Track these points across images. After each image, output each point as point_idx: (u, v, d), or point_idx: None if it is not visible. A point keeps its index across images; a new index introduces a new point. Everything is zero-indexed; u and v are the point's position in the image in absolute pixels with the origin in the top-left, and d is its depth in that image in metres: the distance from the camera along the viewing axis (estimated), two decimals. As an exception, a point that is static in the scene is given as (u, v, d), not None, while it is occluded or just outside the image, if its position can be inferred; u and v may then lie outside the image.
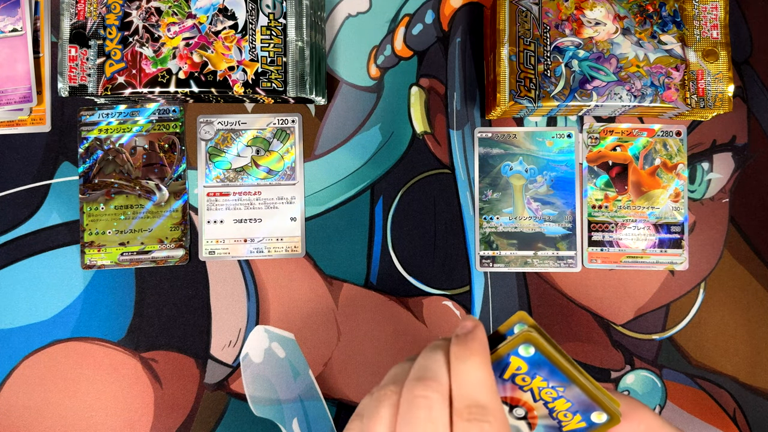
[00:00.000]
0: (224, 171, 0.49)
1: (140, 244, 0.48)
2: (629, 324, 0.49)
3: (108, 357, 0.48)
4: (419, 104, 0.50)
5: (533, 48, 0.44)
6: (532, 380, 0.26)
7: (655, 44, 0.45)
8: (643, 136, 0.49)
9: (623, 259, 0.49)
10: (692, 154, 0.49)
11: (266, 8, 0.45)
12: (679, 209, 0.49)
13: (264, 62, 0.45)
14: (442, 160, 0.50)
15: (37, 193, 0.49)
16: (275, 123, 0.49)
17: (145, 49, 0.45)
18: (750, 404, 0.48)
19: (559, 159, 0.49)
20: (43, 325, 0.48)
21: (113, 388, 0.47)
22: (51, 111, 0.49)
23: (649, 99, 0.44)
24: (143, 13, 0.45)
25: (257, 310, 0.49)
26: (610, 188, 0.49)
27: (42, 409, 0.47)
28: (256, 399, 0.48)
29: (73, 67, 0.45)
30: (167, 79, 0.45)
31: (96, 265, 0.48)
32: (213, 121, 0.49)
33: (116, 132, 0.49)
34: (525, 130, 0.49)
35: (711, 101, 0.45)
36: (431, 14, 0.51)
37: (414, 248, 0.49)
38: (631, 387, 0.48)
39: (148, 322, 0.48)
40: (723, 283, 0.49)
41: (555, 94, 0.44)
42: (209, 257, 0.49)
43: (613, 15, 0.45)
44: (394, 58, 0.50)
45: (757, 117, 0.50)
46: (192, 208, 0.49)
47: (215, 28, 0.45)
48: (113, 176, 0.49)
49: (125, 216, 0.48)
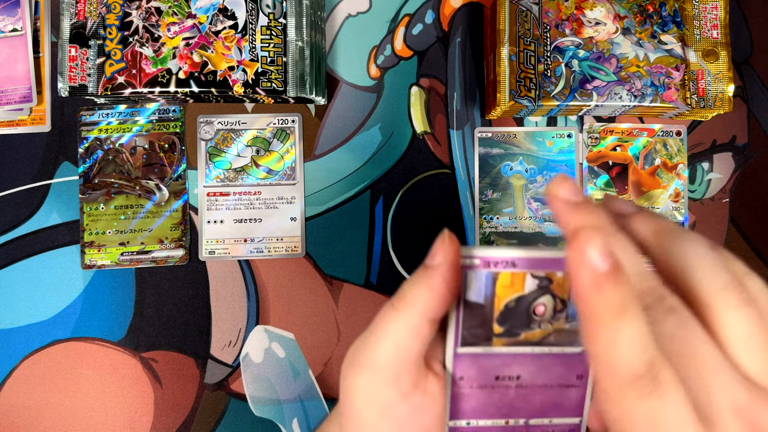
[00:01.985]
0: (224, 171, 0.49)
1: (140, 244, 0.48)
2: (629, 324, 0.49)
3: (108, 357, 0.48)
4: (419, 104, 0.50)
5: (533, 48, 0.44)
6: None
7: (655, 44, 0.45)
8: (643, 136, 0.49)
9: (623, 259, 0.48)
10: (692, 154, 0.49)
11: (266, 8, 0.45)
12: (680, 209, 0.49)
13: (264, 62, 0.45)
14: (442, 160, 0.50)
15: (37, 193, 0.49)
16: (275, 123, 0.49)
17: (145, 49, 0.45)
18: (750, 404, 0.48)
19: (559, 159, 0.49)
20: (43, 325, 0.48)
21: (113, 388, 0.47)
22: (51, 111, 0.49)
23: (650, 99, 0.44)
24: (143, 13, 0.45)
25: (257, 310, 0.48)
26: (611, 188, 0.49)
27: (42, 409, 0.47)
28: (256, 399, 0.48)
29: (73, 67, 0.45)
30: (167, 79, 0.45)
31: (96, 265, 0.48)
32: (213, 121, 0.49)
33: (116, 132, 0.49)
34: (525, 130, 0.49)
35: (711, 101, 0.44)
36: (431, 14, 0.51)
37: (414, 248, 0.49)
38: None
39: (148, 322, 0.48)
40: (723, 283, 0.49)
41: (555, 94, 0.44)
42: (209, 257, 0.49)
43: (613, 15, 0.45)
44: (394, 58, 0.50)
45: (757, 117, 0.50)
46: (192, 208, 0.49)
47: (215, 28, 0.45)
48: (113, 176, 0.49)
49: (125, 216, 0.48)
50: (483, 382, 0.28)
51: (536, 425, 0.29)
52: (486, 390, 0.29)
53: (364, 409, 0.28)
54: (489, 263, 0.27)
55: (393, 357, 0.27)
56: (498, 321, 0.28)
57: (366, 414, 0.28)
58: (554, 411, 0.29)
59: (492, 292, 0.28)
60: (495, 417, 0.29)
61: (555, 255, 0.27)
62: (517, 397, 0.28)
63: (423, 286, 0.26)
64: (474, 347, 0.28)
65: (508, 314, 0.28)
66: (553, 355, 0.28)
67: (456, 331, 0.28)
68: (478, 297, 0.28)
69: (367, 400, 0.28)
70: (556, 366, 0.28)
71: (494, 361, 0.28)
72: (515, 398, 0.29)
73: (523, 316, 0.27)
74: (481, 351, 0.28)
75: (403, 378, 0.27)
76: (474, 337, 0.28)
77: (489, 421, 0.29)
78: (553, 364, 0.28)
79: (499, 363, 0.28)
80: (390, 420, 0.27)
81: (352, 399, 0.28)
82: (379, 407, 0.27)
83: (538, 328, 0.27)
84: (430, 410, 0.28)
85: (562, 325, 0.27)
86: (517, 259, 0.27)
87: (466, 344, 0.28)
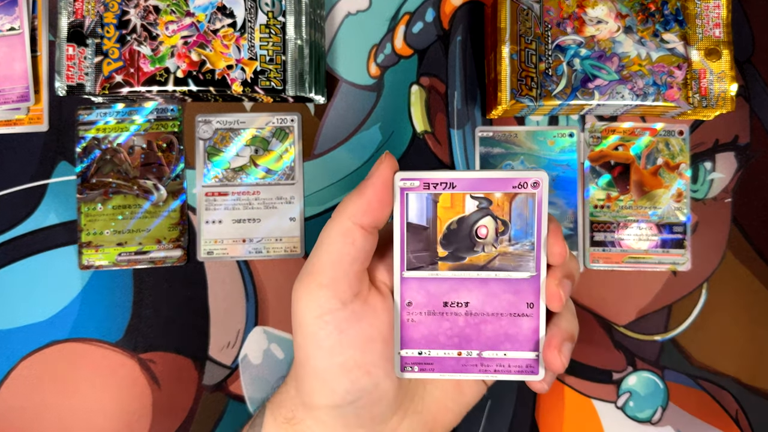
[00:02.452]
0: (223, 170, 0.49)
1: (138, 245, 0.48)
2: (631, 325, 0.48)
3: (106, 358, 0.47)
4: (419, 103, 0.50)
5: (534, 46, 0.44)
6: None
7: (657, 43, 0.44)
8: (646, 136, 0.49)
9: (625, 260, 0.48)
10: (695, 154, 0.49)
11: (265, 6, 0.45)
12: (682, 209, 0.48)
13: (263, 61, 0.45)
14: (442, 159, 0.49)
15: (35, 193, 0.49)
16: (274, 122, 0.49)
17: (143, 48, 0.44)
18: (752, 405, 0.48)
19: (560, 158, 0.49)
20: (40, 325, 0.48)
21: (111, 389, 0.47)
22: (48, 110, 0.49)
23: (652, 98, 0.44)
24: (141, 12, 0.45)
25: (256, 311, 0.48)
26: (612, 188, 0.49)
27: (40, 411, 0.47)
28: (255, 400, 0.47)
29: (71, 65, 0.44)
30: (165, 77, 0.44)
31: (94, 265, 0.48)
32: (211, 120, 0.49)
33: (114, 131, 0.48)
34: (526, 129, 0.49)
35: (713, 100, 0.44)
36: (432, 12, 0.50)
37: (414, 248, 0.49)
38: (633, 388, 0.48)
39: (146, 323, 0.48)
40: (725, 283, 0.48)
41: (556, 93, 0.44)
42: (207, 258, 0.48)
43: (615, 13, 0.45)
44: (394, 57, 0.50)
45: (759, 116, 0.49)
46: (190, 208, 0.49)
47: (214, 27, 0.45)
48: (111, 176, 0.48)
49: (123, 216, 0.48)
50: (431, 308, 0.29)
51: (490, 358, 0.29)
52: (435, 317, 0.29)
53: (304, 314, 0.29)
54: (428, 185, 0.28)
55: (326, 261, 0.28)
56: (442, 244, 0.28)
57: (306, 319, 0.29)
58: (508, 343, 0.29)
59: (433, 214, 0.28)
60: (447, 347, 0.29)
61: (493, 175, 0.28)
62: (468, 326, 0.29)
63: (353, 195, 0.29)
64: (420, 271, 0.29)
65: (451, 236, 0.28)
66: (501, 281, 0.28)
67: (401, 255, 0.29)
68: (420, 219, 0.28)
69: (307, 306, 0.29)
70: (505, 293, 0.28)
71: (441, 286, 0.29)
72: (466, 327, 0.29)
73: (466, 238, 0.28)
74: (427, 275, 0.29)
75: (340, 284, 0.28)
76: (419, 260, 0.29)
77: (441, 351, 0.29)
78: (501, 290, 0.28)
79: (447, 288, 0.29)
80: (329, 326, 0.28)
81: (294, 308, 0.29)
82: (317, 312, 0.28)
83: (482, 251, 0.28)
84: (370, 321, 0.29)
85: (506, 248, 0.28)
86: (456, 180, 0.28)
87: (412, 268, 0.29)
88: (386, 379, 0.29)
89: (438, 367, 0.29)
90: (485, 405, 0.47)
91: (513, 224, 0.28)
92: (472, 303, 0.29)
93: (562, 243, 0.28)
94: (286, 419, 0.31)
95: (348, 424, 0.29)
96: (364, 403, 0.29)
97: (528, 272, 0.28)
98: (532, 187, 0.27)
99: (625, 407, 0.48)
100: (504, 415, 0.47)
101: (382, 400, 0.29)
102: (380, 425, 0.30)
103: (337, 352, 0.28)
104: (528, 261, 0.28)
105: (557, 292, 0.28)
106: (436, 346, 0.29)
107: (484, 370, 0.29)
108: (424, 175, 0.28)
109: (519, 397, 0.48)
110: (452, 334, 0.29)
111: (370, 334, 0.29)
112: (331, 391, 0.29)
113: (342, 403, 0.29)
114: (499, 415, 0.47)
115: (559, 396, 0.48)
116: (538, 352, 0.29)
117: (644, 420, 0.47)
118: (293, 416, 0.31)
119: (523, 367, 0.29)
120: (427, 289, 0.29)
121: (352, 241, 0.28)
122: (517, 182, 0.27)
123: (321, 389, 0.29)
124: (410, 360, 0.29)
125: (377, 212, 0.28)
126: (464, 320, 0.29)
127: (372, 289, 0.30)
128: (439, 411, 0.32)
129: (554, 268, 0.28)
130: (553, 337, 0.28)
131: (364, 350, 0.29)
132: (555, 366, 0.28)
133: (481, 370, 0.29)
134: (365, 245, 0.28)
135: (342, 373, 0.28)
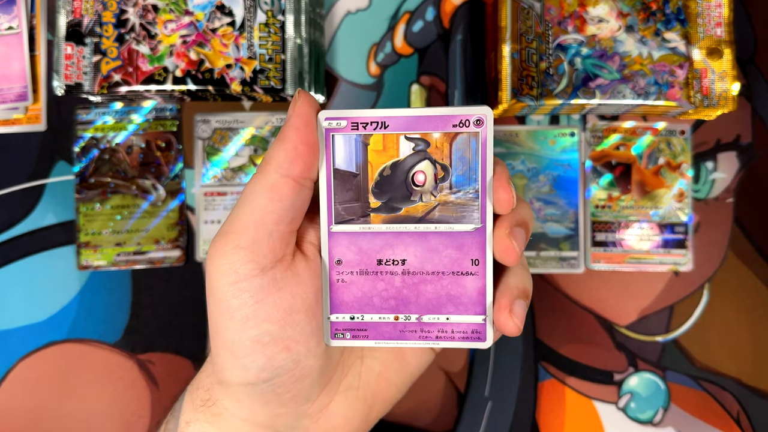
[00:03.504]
0: (222, 170, 0.49)
1: (137, 245, 0.48)
2: (633, 325, 0.48)
3: (104, 359, 0.47)
4: (420, 102, 0.49)
5: (535, 45, 0.44)
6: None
7: (659, 42, 0.44)
8: (647, 135, 0.49)
9: (627, 260, 0.48)
10: (696, 154, 0.49)
11: (264, 5, 0.45)
12: (683, 209, 0.48)
13: (262, 60, 0.45)
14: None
15: (33, 193, 0.48)
16: (273, 122, 0.49)
17: (142, 47, 0.44)
18: (754, 406, 0.47)
19: (561, 158, 0.49)
20: (38, 326, 0.47)
21: (110, 390, 0.47)
22: (46, 109, 0.49)
23: (653, 97, 0.44)
24: (140, 11, 0.45)
25: (255, 312, 0.48)
26: (614, 188, 0.48)
27: (38, 412, 0.47)
28: (254, 401, 0.47)
29: (69, 65, 0.44)
30: (164, 77, 0.44)
31: (92, 265, 0.48)
32: (210, 120, 0.49)
33: (112, 131, 0.48)
34: (527, 128, 0.49)
35: (715, 100, 0.44)
36: (432, 11, 0.50)
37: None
38: (634, 389, 0.48)
39: (144, 324, 0.48)
40: (727, 284, 0.48)
41: (558, 93, 0.44)
42: (207, 258, 0.48)
43: (616, 12, 0.44)
44: (394, 56, 0.50)
45: (761, 116, 0.49)
46: (189, 208, 0.48)
47: (212, 26, 0.45)
48: (109, 176, 0.48)
49: (121, 216, 0.48)
50: (364, 266, 0.26)
51: (431, 323, 0.26)
52: (369, 277, 0.26)
53: (217, 279, 0.25)
54: (357, 125, 0.24)
55: (248, 219, 0.25)
56: (374, 193, 0.25)
57: (218, 285, 0.25)
58: (451, 306, 0.25)
59: (364, 159, 0.25)
60: (383, 311, 0.26)
61: (430, 113, 0.24)
62: (406, 287, 0.25)
63: (276, 142, 0.25)
64: (350, 224, 0.25)
65: (384, 184, 0.25)
66: (441, 234, 0.25)
67: (328, 206, 0.25)
68: (349, 165, 0.25)
69: (220, 270, 0.25)
70: (447, 248, 0.25)
71: (375, 241, 0.25)
72: (403, 288, 0.26)
73: (401, 186, 0.25)
74: (358, 229, 0.25)
75: (261, 247, 0.24)
76: (349, 212, 0.25)
77: (376, 315, 0.26)
78: (442, 245, 0.25)
79: (381, 244, 0.25)
80: (243, 294, 0.25)
81: (207, 272, 0.26)
82: (231, 278, 0.25)
83: (420, 200, 0.25)
84: (292, 289, 0.25)
85: (447, 197, 0.25)
86: (389, 119, 0.24)
87: (341, 221, 0.25)
88: (309, 355, 0.26)
89: (373, 333, 0.26)
90: (486, 406, 0.47)
91: (454, 169, 0.25)
92: (410, 260, 0.25)
93: (508, 187, 0.24)
94: (202, 401, 0.28)
95: (267, 401, 0.26)
96: (284, 380, 0.26)
97: (472, 224, 0.25)
98: (475, 125, 0.24)
99: (626, 408, 0.47)
100: (504, 417, 0.47)
101: (305, 378, 0.26)
102: (304, 404, 0.27)
103: (251, 324, 0.25)
104: (472, 211, 0.25)
105: (509, 243, 0.24)
106: (370, 310, 0.26)
107: (425, 336, 0.26)
108: (351, 113, 0.24)
109: (520, 398, 0.47)
110: (388, 296, 0.26)
111: (292, 304, 0.25)
112: (242, 368, 0.25)
113: (257, 381, 0.26)
114: (500, 416, 0.47)
115: (559, 397, 0.48)
116: (485, 315, 0.25)
117: (645, 421, 0.47)
118: (209, 397, 0.28)
119: (468, 332, 0.26)
120: (359, 245, 0.25)
121: (279, 198, 0.24)
122: (457, 120, 0.24)
123: (232, 365, 0.26)
124: (341, 326, 0.26)
125: (307, 158, 0.24)
126: (401, 280, 0.25)
127: (297, 252, 0.26)
128: (379, 386, 0.29)
129: (503, 217, 0.25)
130: (503, 296, 0.25)
131: (283, 323, 0.25)
132: (508, 329, 0.25)
133: (421, 337, 0.26)
134: (295, 201, 0.25)
135: (256, 348, 0.25)
